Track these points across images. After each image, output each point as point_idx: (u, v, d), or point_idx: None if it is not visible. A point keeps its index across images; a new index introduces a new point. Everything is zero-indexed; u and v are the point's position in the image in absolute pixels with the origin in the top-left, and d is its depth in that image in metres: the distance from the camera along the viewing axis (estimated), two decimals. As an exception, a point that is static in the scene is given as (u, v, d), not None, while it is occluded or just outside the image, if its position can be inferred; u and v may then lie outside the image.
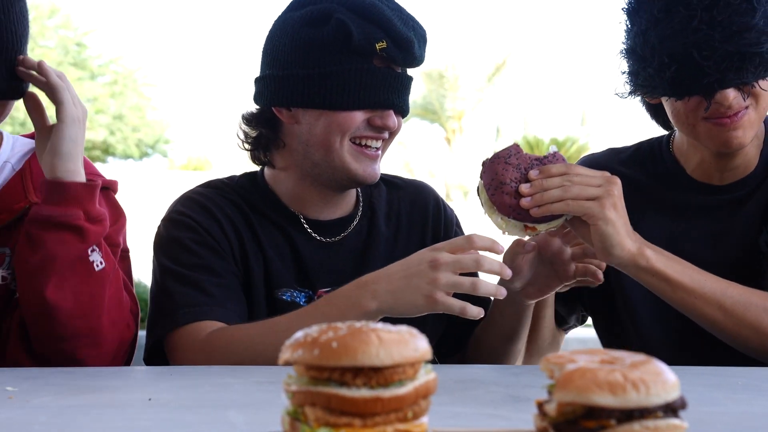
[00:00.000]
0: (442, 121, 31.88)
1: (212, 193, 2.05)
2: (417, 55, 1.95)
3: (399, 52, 1.91)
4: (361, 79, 1.91)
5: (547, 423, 0.94)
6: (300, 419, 0.94)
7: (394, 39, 1.90)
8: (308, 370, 0.93)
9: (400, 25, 1.91)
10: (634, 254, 1.77)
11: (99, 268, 1.81)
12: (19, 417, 1.25)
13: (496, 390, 1.47)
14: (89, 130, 26.49)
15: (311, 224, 2.06)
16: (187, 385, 1.52)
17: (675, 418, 0.91)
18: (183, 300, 1.89)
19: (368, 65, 1.91)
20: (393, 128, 1.97)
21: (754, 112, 1.86)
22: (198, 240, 1.95)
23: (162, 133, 29.14)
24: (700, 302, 1.80)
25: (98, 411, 1.30)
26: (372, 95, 1.92)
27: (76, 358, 1.81)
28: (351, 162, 1.95)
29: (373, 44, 1.88)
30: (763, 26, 1.75)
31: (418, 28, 1.97)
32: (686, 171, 2.06)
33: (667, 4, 1.78)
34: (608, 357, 0.94)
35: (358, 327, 0.94)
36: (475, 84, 32.19)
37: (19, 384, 1.50)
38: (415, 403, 0.94)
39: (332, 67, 1.91)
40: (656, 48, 1.80)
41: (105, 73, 28.11)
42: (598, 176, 1.76)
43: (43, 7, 27.15)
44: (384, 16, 1.89)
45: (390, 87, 1.93)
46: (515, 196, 1.75)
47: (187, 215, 1.98)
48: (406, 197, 2.20)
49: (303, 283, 2.01)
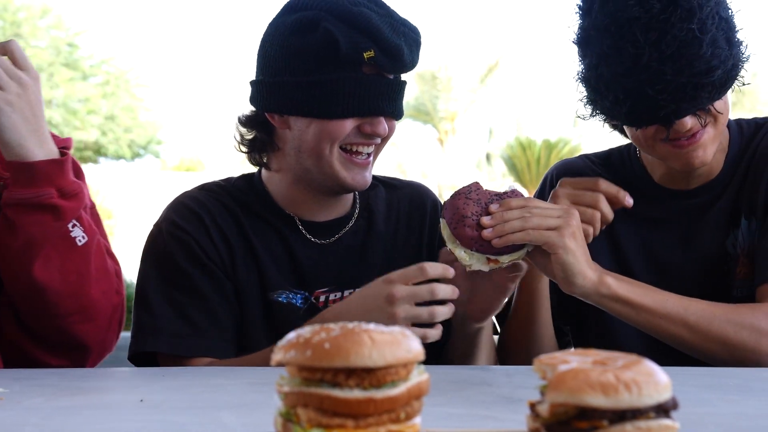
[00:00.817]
0: (435, 122, 31.89)
1: (206, 198, 2.04)
2: (407, 62, 1.93)
3: (387, 60, 1.89)
4: (349, 88, 1.89)
5: (539, 424, 0.94)
6: (293, 420, 0.94)
7: (382, 47, 1.88)
8: (301, 371, 0.93)
9: (389, 33, 1.89)
10: (596, 282, 1.81)
11: (82, 242, 1.78)
12: (11, 418, 1.24)
13: (489, 391, 1.47)
14: (81, 131, 26.44)
15: (306, 226, 2.06)
16: (179, 386, 1.52)
17: (667, 418, 0.92)
18: (167, 326, 1.93)
19: (357, 73, 1.89)
20: (383, 134, 1.96)
21: (712, 129, 1.90)
22: (188, 257, 1.96)
23: (154, 133, 29.09)
24: (664, 322, 1.83)
25: (90, 412, 1.29)
26: (361, 103, 1.90)
27: (72, 334, 1.80)
28: (340, 170, 1.95)
29: (360, 53, 1.87)
30: (711, 54, 1.77)
31: (410, 33, 1.94)
32: (653, 178, 2.10)
33: (615, 41, 1.80)
34: (600, 358, 0.94)
35: (350, 328, 0.94)
36: (467, 85, 32.23)
37: (11, 385, 1.50)
38: (407, 403, 0.94)
39: (320, 76, 1.90)
40: (610, 84, 1.83)
41: (97, 73, 28.05)
42: (557, 208, 1.81)
43: (35, 8, 27.09)
44: (372, 24, 1.87)
45: (380, 94, 1.92)
46: (477, 228, 1.78)
47: (179, 227, 1.99)
48: (404, 198, 2.21)
49: (299, 285, 2.01)
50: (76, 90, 26.69)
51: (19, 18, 26.72)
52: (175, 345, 1.91)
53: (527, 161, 23.17)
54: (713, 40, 1.78)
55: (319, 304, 2.00)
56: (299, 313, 1.97)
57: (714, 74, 1.78)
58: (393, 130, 2.00)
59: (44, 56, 26.44)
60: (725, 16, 1.82)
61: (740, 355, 1.81)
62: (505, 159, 24.04)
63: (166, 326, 1.92)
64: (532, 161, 23.11)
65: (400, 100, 1.99)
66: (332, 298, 2.02)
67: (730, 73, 1.82)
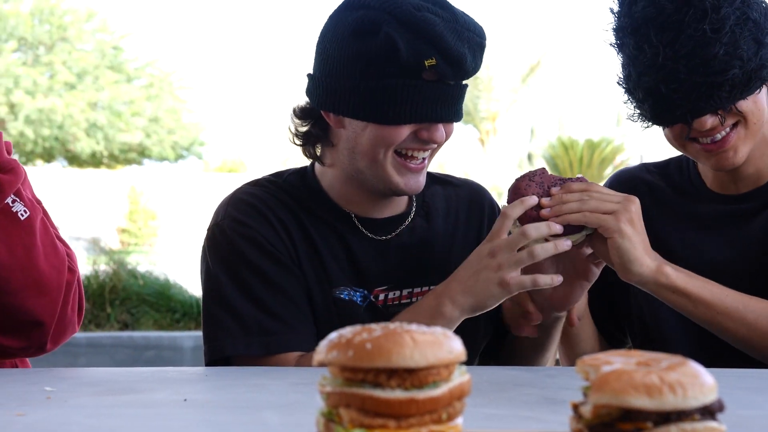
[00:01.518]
0: (476, 122, 31.80)
1: (261, 193, 2.00)
2: (470, 69, 1.87)
3: (450, 69, 1.84)
4: (408, 95, 1.85)
5: (582, 425, 0.94)
6: (335, 420, 0.94)
7: (444, 55, 1.83)
8: (343, 372, 0.94)
9: (452, 40, 1.84)
10: (654, 271, 1.80)
11: (24, 216, 1.77)
12: (57, 417, 1.26)
13: (531, 392, 1.46)
14: (125, 133, 26.74)
15: (363, 222, 2.02)
16: (223, 386, 1.53)
17: (713, 421, 0.91)
18: (255, 325, 1.87)
19: (416, 81, 1.85)
20: (440, 141, 1.92)
21: (743, 129, 1.89)
22: (259, 252, 1.92)
23: (197, 135, 29.33)
24: (722, 317, 1.81)
25: (134, 411, 1.31)
26: (420, 110, 1.86)
27: (24, 310, 1.79)
28: (394, 174, 1.91)
29: (421, 61, 1.82)
30: (726, 54, 1.79)
31: (474, 38, 1.89)
32: (706, 184, 2.10)
33: (636, 42, 1.86)
34: (644, 359, 0.94)
35: (392, 328, 0.94)
36: (509, 85, 32.09)
37: (57, 384, 1.52)
38: (449, 404, 0.94)
39: (379, 82, 1.86)
40: (636, 83, 1.89)
41: (141, 76, 28.36)
42: (617, 194, 1.82)
43: (81, 11, 27.46)
44: (435, 32, 1.82)
45: (439, 101, 1.88)
46: (536, 209, 1.81)
47: (242, 222, 1.94)
48: (464, 196, 2.18)
49: (359, 283, 1.97)
50: (121, 92, 27.00)
51: (65, 21, 27.11)
52: (267, 344, 1.86)
53: (569, 161, 22.99)
54: (733, 40, 1.79)
55: (378, 302, 1.97)
56: (360, 311, 1.95)
57: (728, 74, 1.79)
58: (450, 133, 1.96)
59: (90, 59, 26.79)
60: (754, 17, 1.82)
61: None
62: (547, 159, 23.86)
63: (254, 325, 1.87)
64: (575, 161, 22.92)
65: (460, 105, 1.95)
66: (391, 296, 1.98)
67: (755, 74, 1.82)
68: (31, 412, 1.28)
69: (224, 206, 2.00)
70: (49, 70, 26.14)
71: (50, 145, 26.35)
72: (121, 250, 18.82)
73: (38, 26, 26.72)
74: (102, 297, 8.49)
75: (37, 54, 26.61)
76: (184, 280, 9.70)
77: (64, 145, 26.62)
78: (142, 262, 11.77)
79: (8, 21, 26.09)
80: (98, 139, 26.68)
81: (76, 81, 26.28)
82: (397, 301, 1.97)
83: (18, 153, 27.11)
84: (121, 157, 28.10)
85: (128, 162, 29.02)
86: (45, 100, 25.14)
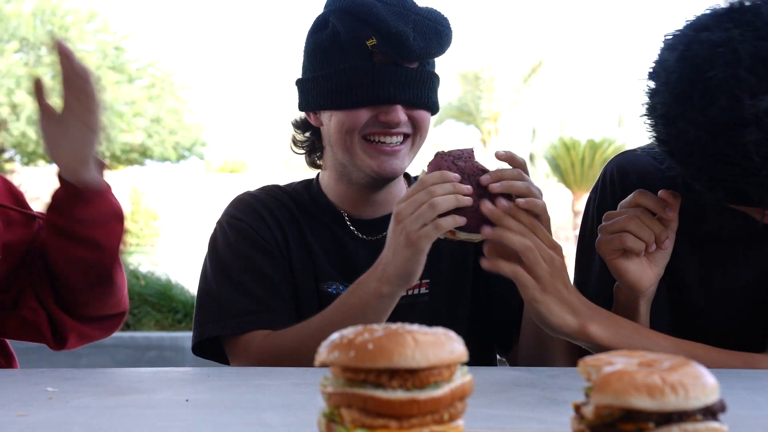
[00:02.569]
0: (478, 122, 31.79)
1: (263, 195, 2.10)
2: (414, 48, 1.90)
3: (391, 48, 1.90)
4: (360, 78, 1.92)
5: (584, 426, 0.94)
6: (336, 421, 0.95)
7: (384, 34, 1.89)
8: (344, 372, 0.94)
9: (392, 20, 1.89)
10: (576, 331, 1.69)
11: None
12: (59, 417, 1.26)
13: (533, 392, 1.46)
14: (127, 133, 26.74)
15: (354, 223, 2.08)
16: (224, 386, 1.53)
17: (714, 421, 0.91)
18: (233, 307, 1.94)
19: (366, 63, 1.92)
20: (398, 122, 1.94)
21: None
22: (245, 240, 2.01)
23: (199, 135, 29.31)
24: None
25: (137, 411, 1.31)
26: (371, 92, 1.92)
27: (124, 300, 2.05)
28: (366, 159, 1.96)
29: (362, 41, 1.90)
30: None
31: (423, 21, 1.93)
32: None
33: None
34: (646, 359, 0.93)
35: (393, 329, 0.94)
36: (510, 85, 32.08)
37: (60, 384, 1.52)
38: (451, 405, 0.94)
39: (332, 68, 1.95)
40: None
41: (143, 76, 28.34)
42: (554, 245, 1.68)
43: (82, 12, 27.47)
44: (371, 12, 1.89)
45: (392, 82, 1.92)
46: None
47: (236, 217, 2.04)
48: None
49: (348, 279, 2.01)
50: (123, 93, 26.99)
51: (66, 22, 27.11)
52: (243, 324, 1.93)
53: (571, 161, 22.97)
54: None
55: None
56: None
57: None
58: (421, 120, 1.98)
59: (91, 60, 26.77)
60: None
61: None
62: (549, 159, 23.86)
63: (233, 308, 1.94)
64: (576, 161, 22.90)
65: (422, 90, 1.96)
66: None
67: None
68: (33, 412, 1.28)
69: (226, 208, 2.11)
70: (51, 70, 26.14)
71: (52, 146, 26.30)
72: (122, 251, 18.82)
73: (40, 27, 26.74)
74: (104, 297, 8.47)
75: (39, 54, 26.63)
76: (186, 281, 9.71)
77: (65, 146, 26.58)
78: (144, 263, 11.78)
79: (10, 21, 26.10)
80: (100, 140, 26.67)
81: (77, 81, 26.24)
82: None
83: (20, 154, 27.14)
84: (122, 157, 28.10)
85: (130, 162, 29.01)
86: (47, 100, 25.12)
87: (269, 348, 1.89)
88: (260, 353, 1.89)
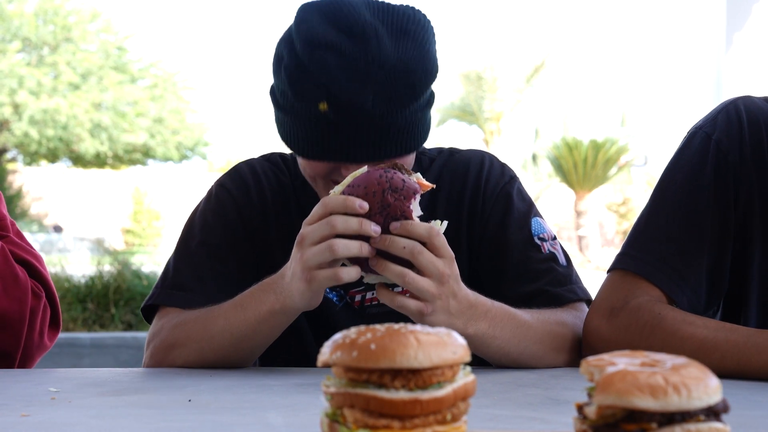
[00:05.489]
0: (480, 122, 31.76)
1: (266, 168, 2.00)
2: (374, 116, 1.64)
3: (344, 117, 1.64)
4: (314, 134, 1.69)
5: (587, 426, 0.94)
6: (339, 421, 0.95)
7: (335, 102, 1.64)
8: (347, 372, 0.94)
9: (346, 83, 1.63)
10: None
11: None
12: (62, 417, 1.26)
13: (536, 392, 1.46)
14: (129, 133, 26.77)
15: None
16: (227, 387, 1.53)
17: (717, 421, 0.91)
18: (176, 279, 1.88)
19: (321, 121, 1.67)
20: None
21: None
22: (221, 216, 1.93)
23: (201, 135, 29.35)
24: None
25: (139, 411, 1.31)
26: (331, 150, 1.69)
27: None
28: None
29: (314, 105, 1.66)
30: None
31: (387, 76, 1.64)
32: None
33: None
34: (649, 360, 0.93)
35: (396, 329, 0.94)
36: (513, 85, 32.04)
37: (62, 385, 1.52)
38: (453, 405, 0.94)
39: (288, 111, 1.73)
40: None
41: (145, 76, 28.38)
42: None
43: (85, 12, 27.49)
44: (324, 71, 1.63)
45: (352, 141, 1.67)
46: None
47: (225, 187, 1.97)
48: (447, 174, 1.99)
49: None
50: (125, 93, 27.02)
51: (69, 22, 27.14)
52: (176, 298, 1.85)
53: (574, 162, 22.96)
54: None
55: (355, 303, 1.93)
56: (335, 309, 1.92)
57: None
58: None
59: (94, 60, 26.81)
60: None
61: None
62: (552, 159, 23.84)
63: (174, 280, 1.88)
64: (579, 162, 22.89)
65: (391, 144, 1.70)
66: (369, 297, 1.97)
67: None
68: (36, 412, 1.28)
69: (226, 172, 2.03)
70: (53, 70, 26.18)
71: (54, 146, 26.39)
72: (125, 251, 18.85)
73: (42, 27, 26.76)
74: (106, 297, 8.49)
75: (41, 54, 26.65)
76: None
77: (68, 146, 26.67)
78: (147, 263, 11.77)
79: (12, 21, 26.13)
80: (102, 140, 26.72)
81: (80, 81, 26.32)
82: (376, 302, 1.90)
83: (22, 153, 27.18)
84: (125, 157, 28.14)
85: (132, 162, 29.05)
86: (49, 100, 25.18)
87: (175, 330, 1.78)
88: (170, 333, 1.78)
